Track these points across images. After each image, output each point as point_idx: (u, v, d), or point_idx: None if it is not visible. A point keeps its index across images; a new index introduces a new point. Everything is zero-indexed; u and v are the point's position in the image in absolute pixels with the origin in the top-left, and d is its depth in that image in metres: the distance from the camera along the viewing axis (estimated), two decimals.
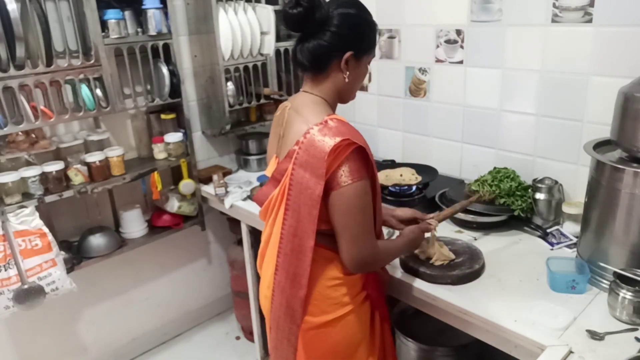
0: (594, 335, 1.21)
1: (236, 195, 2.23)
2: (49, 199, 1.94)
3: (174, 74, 2.20)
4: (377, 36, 1.27)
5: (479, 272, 1.49)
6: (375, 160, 1.28)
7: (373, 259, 1.25)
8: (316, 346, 1.32)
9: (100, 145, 2.14)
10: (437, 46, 2.06)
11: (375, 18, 1.29)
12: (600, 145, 1.48)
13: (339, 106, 1.37)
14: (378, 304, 1.41)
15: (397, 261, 1.57)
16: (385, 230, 1.76)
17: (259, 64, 2.41)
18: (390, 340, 1.51)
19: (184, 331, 2.82)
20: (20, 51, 1.73)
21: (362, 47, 1.25)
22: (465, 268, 1.48)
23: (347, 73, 1.24)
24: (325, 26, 1.20)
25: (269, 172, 1.34)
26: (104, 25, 1.96)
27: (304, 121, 1.22)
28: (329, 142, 1.14)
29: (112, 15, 1.97)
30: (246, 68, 2.37)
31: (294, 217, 1.22)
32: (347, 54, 1.22)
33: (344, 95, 1.32)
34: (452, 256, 1.53)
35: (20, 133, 1.90)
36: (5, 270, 1.84)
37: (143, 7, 2.06)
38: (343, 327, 1.32)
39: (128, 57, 2.06)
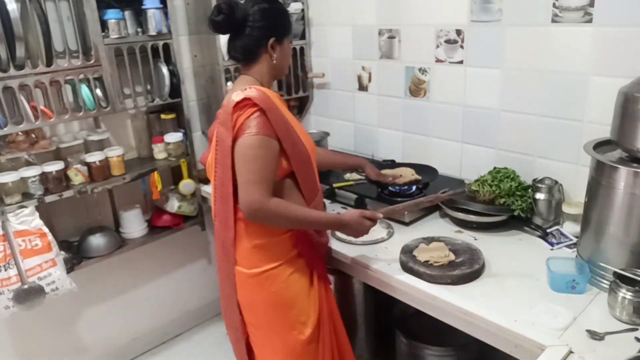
0: (594, 335, 1.21)
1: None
2: (49, 199, 1.94)
3: (174, 74, 2.20)
4: (290, 17, 1.57)
5: (479, 272, 1.49)
6: (375, 159, 1.33)
7: (260, 207, 1.34)
8: (253, 295, 1.49)
9: (100, 145, 2.13)
10: (437, 46, 2.06)
11: (375, 18, 1.32)
12: (600, 145, 1.48)
13: (341, 104, 1.41)
14: (314, 263, 1.56)
15: (397, 260, 1.57)
16: (385, 230, 1.76)
17: None
18: (333, 300, 1.66)
19: (184, 331, 2.82)
20: (20, 51, 1.73)
21: (281, 32, 1.46)
22: (466, 268, 1.48)
23: (275, 55, 1.46)
24: (248, 23, 1.40)
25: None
26: (104, 25, 1.96)
27: (233, 91, 1.40)
28: (234, 98, 1.35)
29: (112, 15, 1.97)
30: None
31: (220, 168, 1.42)
32: (271, 41, 1.43)
33: (276, 73, 1.52)
34: (452, 257, 1.53)
35: (20, 133, 1.90)
36: (5, 270, 1.84)
37: (143, 7, 2.06)
38: (275, 279, 1.47)
39: (128, 57, 2.06)
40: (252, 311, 1.52)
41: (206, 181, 2.43)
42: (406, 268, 1.53)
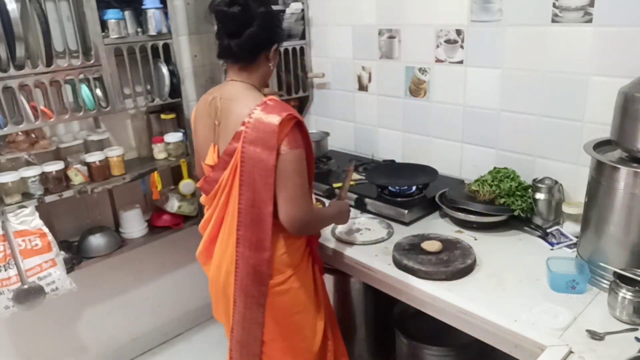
0: (594, 335, 1.21)
1: None
2: (49, 199, 1.94)
3: (174, 74, 2.20)
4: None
5: (472, 267, 1.51)
6: (375, 159, 1.34)
7: (310, 219, 1.38)
8: (278, 305, 1.46)
9: (100, 145, 2.13)
10: (437, 46, 2.06)
11: (375, 18, 1.33)
12: (600, 145, 1.48)
13: (341, 105, 1.43)
14: (316, 257, 1.60)
15: (390, 258, 1.57)
16: (385, 230, 1.77)
17: None
18: (322, 281, 1.67)
19: (184, 331, 2.82)
20: (20, 51, 1.73)
21: (280, 38, 1.45)
22: (459, 263, 1.49)
23: (272, 62, 1.44)
24: (255, 22, 1.34)
25: (210, 160, 1.46)
26: (104, 25, 1.96)
27: (244, 105, 1.35)
28: (276, 117, 1.29)
29: (112, 15, 1.97)
30: None
31: (250, 189, 1.35)
32: (275, 46, 1.42)
33: (265, 80, 1.49)
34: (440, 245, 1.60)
35: (20, 133, 1.90)
36: (5, 270, 1.84)
37: (143, 7, 2.06)
38: (294, 283, 1.47)
39: (128, 57, 2.06)
40: (277, 323, 1.48)
41: None
42: (400, 265, 1.54)
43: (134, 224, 2.31)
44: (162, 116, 2.30)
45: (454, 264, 1.50)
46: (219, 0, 1.33)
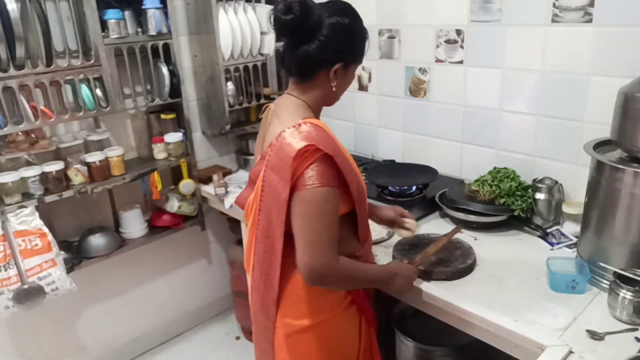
0: (594, 335, 1.21)
1: (236, 195, 2.22)
2: (49, 199, 1.94)
3: (174, 74, 2.20)
4: (367, 42, 1.27)
5: (472, 267, 1.51)
6: (375, 159, 1.27)
7: (328, 272, 1.16)
8: (303, 351, 1.30)
9: (100, 145, 2.13)
10: (437, 46, 2.06)
11: (375, 18, 1.29)
12: (600, 145, 1.48)
13: (341, 104, 1.35)
14: (364, 309, 1.39)
15: (390, 258, 1.57)
16: (385, 231, 1.77)
17: (259, 64, 2.41)
18: (376, 345, 1.50)
19: (184, 331, 2.82)
20: (20, 51, 1.73)
21: (352, 58, 1.24)
22: (459, 263, 1.49)
23: (335, 82, 1.23)
24: (317, 35, 1.17)
25: (254, 172, 1.33)
26: (104, 25, 1.96)
27: (280, 123, 1.21)
28: (295, 146, 1.12)
29: (112, 15, 1.97)
30: (246, 68, 2.37)
31: (266, 218, 1.22)
32: (337, 66, 1.20)
33: (329, 101, 1.30)
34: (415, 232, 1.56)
35: (20, 133, 1.90)
36: (5, 270, 1.84)
37: (143, 7, 2.06)
38: (328, 332, 1.30)
39: (128, 57, 2.06)
40: None
41: (206, 181, 2.43)
42: None
43: (134, 224, 2.31)
44: (162, 116, 2.30)
45: (454, 264, 1.50)
46: (279, 4, 1.15)
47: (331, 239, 1.16)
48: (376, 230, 1.79)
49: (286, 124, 1.18)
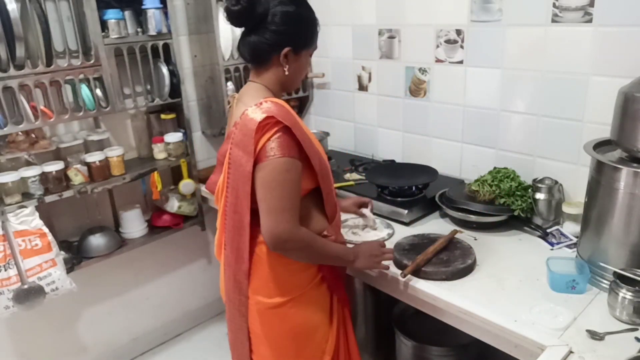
0: (594, 335, 1.21)
1: None
2: (49, 199, 1.94)
3: (174, 74, 2.20)
4: (316, 29, 1.38)
5: (472, 267, 1.51)
6: (374, 159, 1.29)
7: (289, 237, 1.22)
8: (274, 327, 1.37)
9: (100, 145, 2.14)
10: (437, 46, 2.06)
11: (375, 18, 1.30)
12: (600, 145, 1.48)
13: (341, 105, 1.37)
14: (335, 287, 1.45)
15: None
16: (385, 231, 1.77)
17: None
18: (350, 325, 1.56)
19: (184, 331, 2.82)
20: (20, 51, 1.73)
21: (301, 43, 1.32)
22: (459, 263, 1.49)
23: (287, 67, 1.31)
24: (265, 23, 1.26)
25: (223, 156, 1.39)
26: (104, 25, 1.96)
27: (243, 105, 1.29)
28: (257, 119, 1.20)
29: (112, 15, 1.97)
30: (246, 68, 2.37)
31: (233, 194, 1.28)
32: (285, 50, 1.28)
33: (287, 86, 1.38)
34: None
35: (20, 133, 1.90)
36: (5, 270, 1.84)
37: (143, 7, 2.06)
38: (299, 309, 1.36)
39: (128, 57, 2.06)
40: (269, 344, 1.39)
41: (206, 181, 2.43)
42: (400, 265, 1.53)
43: (134, 224, 2.31)
44: (162, 116, 2.31)
45: (454, 264, 1.50)
46: None
47: (293, 207, 1.23)
48: (377, 231, 1.79)
49: (249, 105, 1.25)
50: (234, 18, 1.26)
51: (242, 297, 1.37)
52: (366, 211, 1.75)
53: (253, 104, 1.24)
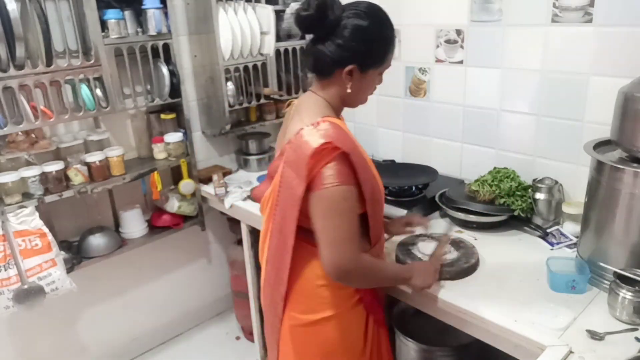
0: (594, 335, 1.21)
1: (236, 195, 2.23)
2: (49, 199, 1.94)
3: (174, 74, 2.20)
4: (391, 48, 1.27)
5: (475, 267, 1.51)
6: (374, 159, 1.28)
7: (354, 267, 1.18)
8: (305, 345, 1.33)
9: (100, 145, 2.13)
10: (437, 46, 2.06)
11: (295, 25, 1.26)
12: (600, 145, 1.48)
13: None
14: (372, 308, 1.39)
15: (392, 258, 1.57)
16: None
17: (259, 64, 2.41)
18: (387, 346, 1.50)
19: (184, 331, 2.82)
20: (20, 51, 1.73)
21: (368, 62, 1.22)
22: (462, 263, 1.49)
23: (350, 84, 1.23)
24: (334, 35, 1.18)
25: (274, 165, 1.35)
26: (104, 25, 1.96)
27: (300, 120, 1.23)
28: (312, 144, 1.13)
29: (112, 15, 1.97)
30: (246, 68, 2.37)
31: (281, 214, 1.24)
32: (349, 67, 1.20)
33: (348, 102, 1.30)
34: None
35: (20, 133, 1.90)
36: (5, 270, 1.84)
37: (143, 7, 2.06)
38: (332, 328, 1.31)
39: (128, 57, 2.06)
40: (297, 356, 1.36)
41: (206, 181, 2.43)
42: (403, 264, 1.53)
43: (134, 224, 2.31)
44: (162, 116, 2.30)
45: (458, 263, 1.50)
46: (303, 1, 1.18)
47: (353, 236, 1.18)
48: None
49: (305, 122, 1.19)
50: (302, 23, 1.19)
51: (276, 319, 1.35)
52: (419, 228, 1.62)
53: (310, 122, 1.18)
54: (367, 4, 1.22)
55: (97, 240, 2.17)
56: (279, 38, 2.44)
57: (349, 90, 1.24)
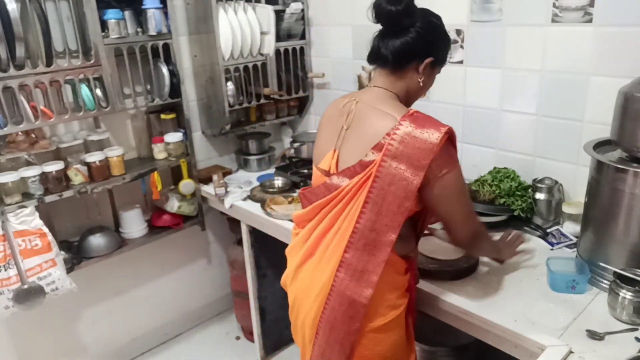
0: (594, 335, 1.21)
1: (236, 195, 2.23)
2: (49, 199, 1.94)
3: (174, 74, 2.20)
4: (450, 50, 1.38)
5: (475, 267, 1.51)
6: None
7: (482, 231, 1.33)
8: (368, 352, 1.28)
9: (100, 145, 2.13)
10: None
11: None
12: (600, 145, 1.48)
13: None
14: (411, 307, 1.38)
15: None
16: None
17: (259, 64, 2.41)
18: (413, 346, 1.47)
19: (184, 331, 2.82)
20: (20, 51, 1.73)
21: (439, 57, 1.31)
22: (463, 263, 1.49)
23: (422, 77, 1.28)
24: (414, 28, 1.23)
25: (325, 164, 1.31)
26: (104, 25, 1.96)
27: (384, 115, 1.22)
28: (434, 134, 1.15)
29: (112, 15, 1.97)
30: (246, 68, 2.37)
31: (374, 210, 1.18)
32: (428, 59, 1.26)
33: (413, 97, 1.34)
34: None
35: (20, 133, 1.90)
36: (5, 270, 1.84)
37: (143, 7, 2.06)
38: (393, 330, 1.29)
39: (128, 57, 2.06)
40: None
41: (206, 181, 2.43)
42: None
43: (134, 224, 2.31)
44: (162, 116, 2.30)
45: (459, 263, 1.50)
46: None
47: (474, 207, 1.36)
48: None
49: (395, 115, 1.20)
50: (390, 17, 1.21)
51: (352, 328, 1.23)
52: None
53: (399, 115, 1.19)
54: (432, 11, 1.32)
55: (97, 240, 2.17)
56: (279, 38, 2.44)
57: (421, 84, 1.29)
